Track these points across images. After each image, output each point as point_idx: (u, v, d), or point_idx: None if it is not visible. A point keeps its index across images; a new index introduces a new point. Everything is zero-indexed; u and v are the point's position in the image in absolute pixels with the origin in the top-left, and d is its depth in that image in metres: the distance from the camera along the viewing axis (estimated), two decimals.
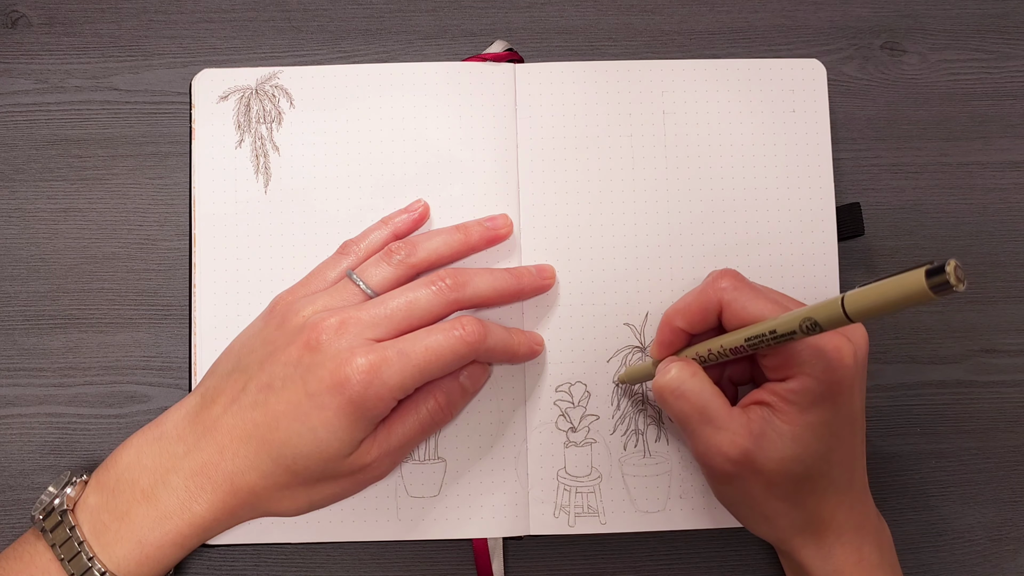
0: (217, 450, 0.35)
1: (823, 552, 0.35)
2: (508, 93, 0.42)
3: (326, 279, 0.39)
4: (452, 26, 0.46)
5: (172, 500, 0.35)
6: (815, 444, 0.34)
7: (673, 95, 0.43)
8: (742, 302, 0.34)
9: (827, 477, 0.34)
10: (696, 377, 0.35)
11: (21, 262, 0.44)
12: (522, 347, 0.39)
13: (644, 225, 0.42)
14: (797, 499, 0.34)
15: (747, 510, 0.36)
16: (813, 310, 0.30)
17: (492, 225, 0.40)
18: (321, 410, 0.34)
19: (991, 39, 0.47)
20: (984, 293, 0.45)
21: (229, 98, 0.42)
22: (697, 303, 0.36)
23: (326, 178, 0.42)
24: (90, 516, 0.35)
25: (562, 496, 0.40)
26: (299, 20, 0.46)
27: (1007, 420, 0.44)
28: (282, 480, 0.35)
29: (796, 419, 0.33)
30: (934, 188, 0.45)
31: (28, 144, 0.44)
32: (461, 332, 0.35)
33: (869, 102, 0.46)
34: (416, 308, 0.36)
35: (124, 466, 0.36)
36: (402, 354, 0.34)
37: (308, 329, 0.35)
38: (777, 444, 0.33)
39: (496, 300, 0.39)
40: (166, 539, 0.35)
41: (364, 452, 0.36)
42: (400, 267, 0.38)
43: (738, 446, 0.33)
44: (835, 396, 0.33)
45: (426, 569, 0.42)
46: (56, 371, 0.43)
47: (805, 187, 0.42)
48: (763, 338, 0.32)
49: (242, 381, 0.36)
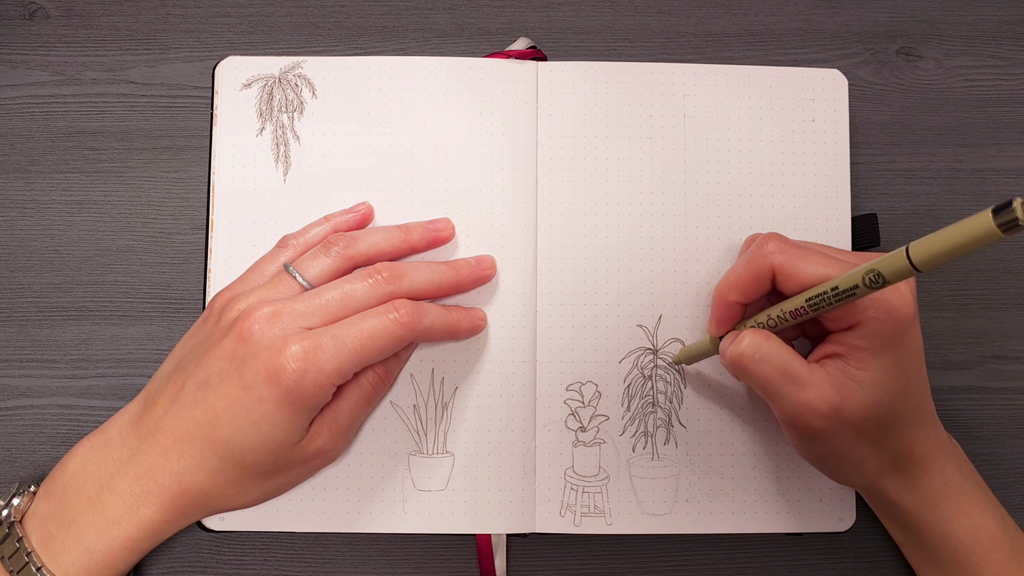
0: (161, 452, 0.35)
1: (910, 484, 0.36)
2: (530, 91, 0.42)
3: (264, 274, 0.38)
4: (469, 24, 0.46)
5: (118, 505, 0.35)
6: (893, 384, 0.34)
7: (694, 99, 0.43)
8: (794, 262, 0.34)
9: (905, 413, 0.35)
10: (771, 340, 0.35)
11: (35, 253, 0.44)
12: (463, 322, 0.39)
13: (661, 228, 0.42)
14: (882, 440, 0.35)
15: (836, 462, 0.36)
16: (877, 263, 0.29)
17: (434, 227, 0.40)
18: (260, 403, 0.33)
19: (1007, 45, 0.47)
20: (997, 300, 0.45)
21: (252, 86, 0.43)
22: (748, 273, 0.36)
23: (345, 169, 0.42)
24: (38, 526, 0.35)
25: (569, 495, 0.40)
26: (316, 16, 0.46)
27: (1018, 426, 0.44)
28: (232, 476, 0.35)
29: (871, 363, 0.34)
30: (948, 194, 0.45)
31: (44, 136, 0.44)
32: (396, 315, 0.35)
33: (884, 107, 0.46)
34: (351, 300, 0.36)
35: (70, 474, 0.36)
36: (336, 339, 0.34)
37: (240, 320, 0.35)
38: (859, 392, 0.34)
39: (434, 293, 0.38)
40: (115, 544, 0.35)
41: (314, 436, 0.36)
42: (338, 259, 0.38)
43: (826, 400, 0.34)
44: (902, 333, 0.34)
45: (430, 563, 0.42)
46: (69, 363, 0.43)
47: (822, 196, 0.42)
48: (824, 297, 0.32)
49: (180, 380, 0.36)
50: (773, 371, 0.35)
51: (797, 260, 0.34)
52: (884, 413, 0.34)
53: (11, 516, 0.35)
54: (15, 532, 0.35)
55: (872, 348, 0.34)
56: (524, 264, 0.41)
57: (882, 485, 0.37)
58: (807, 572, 0.43)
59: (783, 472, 0.41)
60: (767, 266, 0.35)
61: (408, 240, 0.39)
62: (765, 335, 0.35)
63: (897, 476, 0.36)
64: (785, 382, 0.34)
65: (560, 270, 0.41)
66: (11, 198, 0.44)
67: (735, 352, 0.35)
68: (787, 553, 0.43)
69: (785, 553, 0.43)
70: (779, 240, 0.36)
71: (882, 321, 0.33)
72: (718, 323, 0.38)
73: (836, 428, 0.34)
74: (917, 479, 0.36)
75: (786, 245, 0.35)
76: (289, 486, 0.38)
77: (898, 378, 0.34)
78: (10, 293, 0.43)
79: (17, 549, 0.34)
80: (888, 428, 0.35)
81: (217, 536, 0.42)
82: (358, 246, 0.38)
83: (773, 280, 0.36)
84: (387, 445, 0.40)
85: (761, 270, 0.35)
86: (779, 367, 0.34)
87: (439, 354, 0.41)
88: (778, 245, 0.35)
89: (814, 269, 0.34)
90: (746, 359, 0.35)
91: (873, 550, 0.43)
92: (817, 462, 0.37)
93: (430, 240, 0.40)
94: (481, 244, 0.41)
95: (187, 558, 0.42)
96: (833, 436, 0.35)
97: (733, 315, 0.37)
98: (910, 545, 0.39)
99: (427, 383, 0.41)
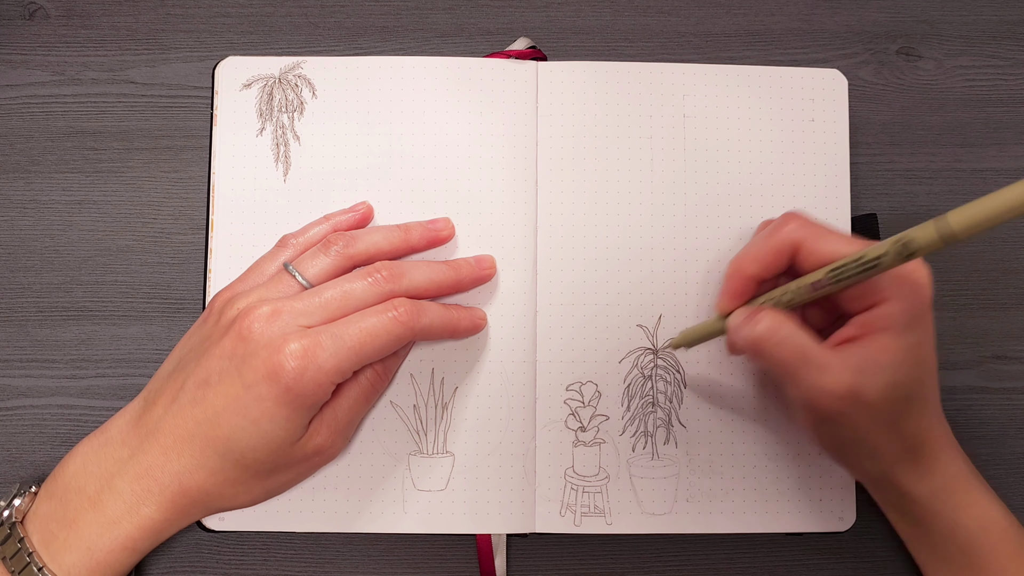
0: (161, 451, 0.35)
1: (923, 472, 0.36)
2: (530, 91, 0.42)
3: (264, 273, 0.38)
4: (469, 24, 0.46)
5: (119, 505, 0.35)
6: (912, 367, 0.34)
7: (694, 99, 0.43)
8: (816, 238, 0.34)
9: (921, 398, 0.35)
10: (788, 322, 0.34)
11: (35, 253, 0.44)
12: (463, 321, 0.39)
13: (661, 227, 0.42)
14: (898, 425, 0.35)
15: (852, 447, 0.36)
16: (907, 233, 0.29)
17: (434, 227, 0.40)
18: (260, 401, 0.33)
19: (1007, 45, 0.47)
20: (996, 300, 0.45)
21: (252, 86, 0.43)
22: (768, 246, 0.36)
23: (345, 169, 0.42)
24: (39, 526, 0.35)
25: (569, 495, 0.40)
26: (316, 16, 0.46)
27: (1018, 426, 0.44)
28: (232, 475, 0.35)
29: (892, 345, 0.34)
30: (948, 194, 0.45)
31: (44, 136, 0.44)
32: (395, 313, 0.35)
33: (884, 107, 0.46)
34: (351, 299, 0.36)
35: (71, 474, 0.36)
36: (336, 337, 0.34)
37: (240, 318, 0.35)
38: (878, 374, 0.33)
39: (433, 292, 0.38)
40: (116, 544, 0.35)
41: (314, 434, 0.36)
42: (337, 258, 0.38)
43: (843, 382, 0.33)
44: (923, 316, 0.34)
45: (430, 563, 0.42)
46: (68, 363, 0.43)
47: (822, 196, 0.42)
48: (848, 267, 0.32)
49: (180, 379, 0.36)
50: (791, 353, 0.34)
51: (819, 236, 0.34)
52: (901, 395, 0.34)
53: (12, 517, 0.35)
54: (16, 532, 0.35)
55: (895, 327, 0.33)
56: (524, 264, 0.41)
57: (895, 473, 0.36)
58: (807, 572, 0.43)
59: (783, 472, 0.41)
60: (789, 241, 0.35)
61: (408, 240, 0.39)
62: (782, 316, 0.35)
63: (910, 464, 0.36)
64: (802, 364, 0.34)
65: (560, 270, 0.41)
66: (11, 198, 0.44)
67: (752, 333, 0.35)
68: (787, 553, 0.43)
69: (786, 553, 0.43)
70: (800, 217, 0.35)
71: (907, 299, 0.33)
72: (731, 297, 0.37)
73: (852, 411, 0.34)
74: (930, 467, 0.36)
75: (808, 222, 0.35)
76: (289, 485, 0.38)
77: (916, 361, 0.34)
78: (10, 293, 0.43)
79: (19, 550, 0.34)
80: (904, 412, 0.35)
81: (217, 536, 0.42)
82: (357, 245, 0.38)
83: (791, 258, 0.35)
84: (387, 445, 0.40)
85: (782, 244, 0.35)
86: (797, 349, 0.34)
87: (439, 354, 0.41)
88: (801, 222, 0.35)
89: (836, 246, 0.34)
90: (764, 341, 0.34)
91: (874, 550, 0.43)
92: (832, 448, 0.37)
93: (430, 240, 0.40)
94: (481, 244, 0.41)
95: (187, 558, 0.42)
96: (850, 419, 0.34)
97: (748, 290, 0.37)
98: (917, 539, 0.39)
99: (427, 383, 0.41)
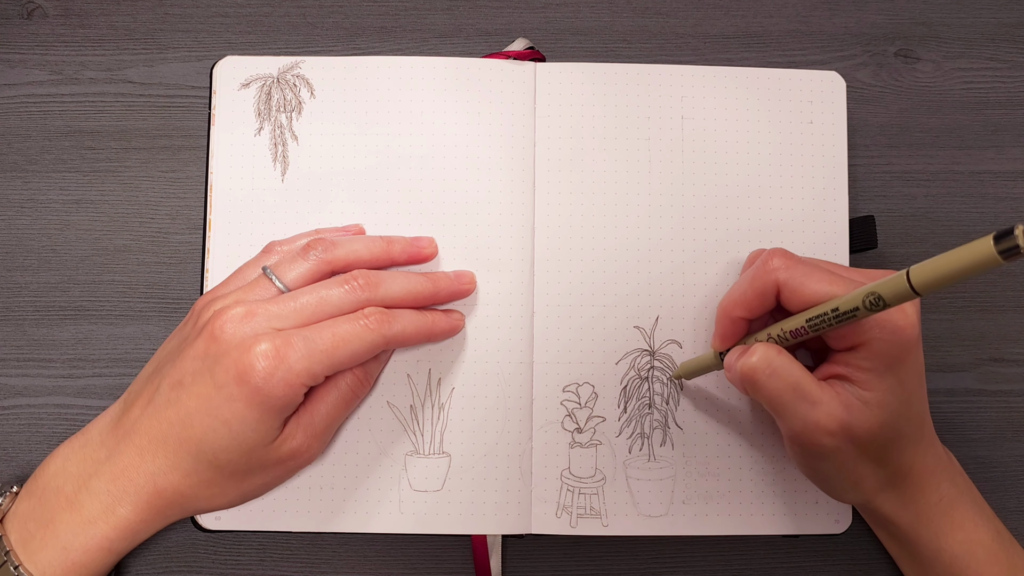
0: (137, 452, 0.35)
1: (905, 501, 0.37)
2: (528, 91, 0.42)
3: (245, 278, 0.38)
4: (467, 25, 0.46)
5: (95, 505, 0.35)
6: (897, 405, 0.34)
7: (692, 101, 0.43)
8: (799, 279, 0.34)
9: (906, 432, 0.35)
10: (783, 355, 0.35)
11: (32, 253, 0.44)
12: (439, 323, 0.39)
13: (659, 229, 0.42)
14: (882, 459, 0.35)
15: (837, 480, 0.36)
16: (877, 286, 0.29)
17: (417, 244, 0.40)
18: (231, 402, 0.33)
19: (1005, 48, 0.47)
20: (993, 302, 0.45)
21: (251, 85, 0.43)
22: (752, 289, 0.36)
23: (343, 169, 0.42)
24: (18, 525, 0.35)
25: (565, 496, 0.40)
26: (314, 16, 0.46)
27: (1015, 429, 0.44)
28: (207, 476, 0.35)
29: (876, 385, 0.34)
30: (946, 196, 0.45)
31: (42, 135, 0.44)
32: (366, 321, 0.35)
33: (882, 109, 0.46)
34: (326, 304, 0.36)
35: (51, 474, 0.36)
36: (307, 340, 0.34)
37: (213, 319, 0.35)
38: (866, 412, 0.34)
39: (409, 302, 0.38)
40: (91, 544, 0.35)
41: (289, 437, 0.36)
42: (316, 263, 0.37)
43: (836, 419, 0.34)
44: (907, 355, 0.34)
45: (426, 564, 0.42)
46: (65, 362, 0.43)
47: (820, 198, 0.42)
48: (825, 318, 0.32)
49: (157, 382, 0.36)
50: (784, 387, 0.34)
51: (802, 277, 0.34)
52: (888, 432, 0.34)
53: None
54: None
55: (877, 369, 0.34)
56: (521, 265, 0.41)
57: (878, 502, 0.37)
58: (803, 574, 0.43)
59: (779, 474, 0.41)
60: (772, 282, 0.35)
61: (389, 251, 0.39)
62: (777, 349, 0.35)
63: (893, 493, 0.36)
64: (795, 399, 0.34)
65: (557, 271, 0.41)
66: (8, 197, 0.44)
67: (747, 365, 0.35)
68: (783, 555, 0.43)
69: (781, 555, 0.43)
70: (784, 256, 0.35)
71: (887, 342, 0.33)
72: (723, 338, 0.38)
73: (842, 446, 0.34)
74: (912, 496, 0.37)
75: (791, 261, 0.35)
76: (267, 487, 0.38)
77: (902, 399, 0.34)
78: (7, 292, 0.43)
79: None
80: (890, 447, 0.35)
81: (213, 536, 0.42)
82: (337, 252, 0.38)
83: (777, 296, 0.35)
84: (384, 445, 0.40)
85: (766, 286, 0.35)
86: (790, 383, 0.34)
87: (436, 355, 0.41)
88: (783, 261, 0.35)
89: (819, 287, 0.34)
90: (758, 372, 0.35)
91: (869, 552, 0.43)
92: (817, 478, 0.37)
93: (411, 255, 0.40)
94: (478, 245, 0.41)
95: (183, 558, 0.42)
96: (838, 454, 0.34)
97: (737, 331, 0.37)
98: (905, 559, 0.39)
99: (424, 384, 0.41)
